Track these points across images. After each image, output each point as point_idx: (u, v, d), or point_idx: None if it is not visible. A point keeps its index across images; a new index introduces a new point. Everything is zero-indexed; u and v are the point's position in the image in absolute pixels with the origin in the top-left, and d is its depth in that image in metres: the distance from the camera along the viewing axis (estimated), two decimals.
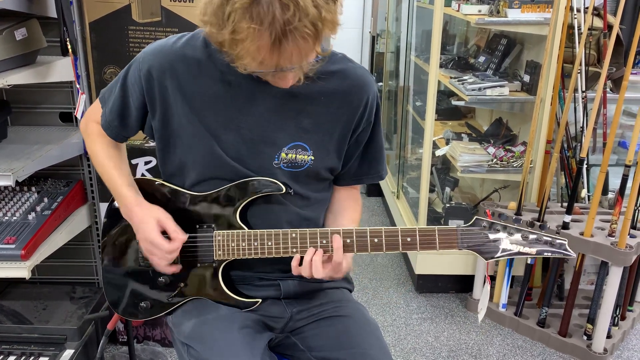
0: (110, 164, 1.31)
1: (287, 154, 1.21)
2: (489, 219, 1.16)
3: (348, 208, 1.36)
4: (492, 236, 1.15)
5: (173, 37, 1.23)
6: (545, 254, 1.13)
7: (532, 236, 1.14)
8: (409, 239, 1.17)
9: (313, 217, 1.30)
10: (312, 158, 1.23)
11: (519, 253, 1.14)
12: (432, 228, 1.17)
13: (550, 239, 1.13)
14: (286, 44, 0.96)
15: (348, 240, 1.18)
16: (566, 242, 1.13)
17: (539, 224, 2.37)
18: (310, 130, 1.22)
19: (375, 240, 1.18)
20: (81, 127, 1.39)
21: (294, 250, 1.20)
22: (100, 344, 1.83)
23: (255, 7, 0.93)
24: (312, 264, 1.17)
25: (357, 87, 1.24)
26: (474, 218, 1.17)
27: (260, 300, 1.27)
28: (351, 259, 1.24)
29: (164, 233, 1.22)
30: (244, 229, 1.22)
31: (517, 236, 1.14)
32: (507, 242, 1.15)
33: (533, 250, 1.13)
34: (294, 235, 1.20)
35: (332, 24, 0.98)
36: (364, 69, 1.27)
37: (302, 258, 1.19)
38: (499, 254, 1.15)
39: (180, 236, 1.21)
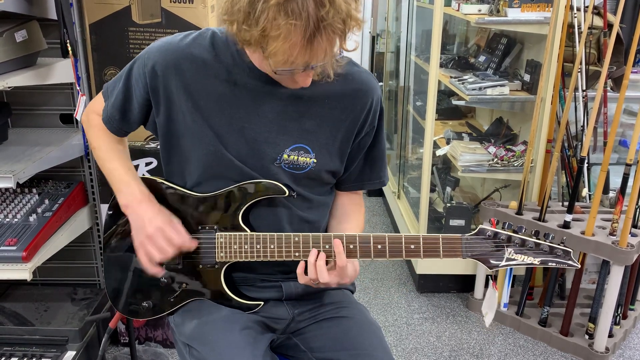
0: (114, 156, 1.31)
1: (289, 156, 1.21)
2: (494, 227, 1.15)
3: (351, 213, 1.36)
4: (496, 245, 1.15)
5: (179, 34, 1.23)
6: (550, 264, 1.13)
7: (536, 246, 1.13)
8: (412, 247, 1.17)
9: (315, 220, 1.30)
10: (315, 161, 1.23)
11: (523, 263, 1.14)
12: (436, 236, 1.16)
13: (555, 248, 1.13)
14: (319, 40, 0.97)
15: (351, 246, 1.18)
16: (571, 252, 1.13)
17: (542, 223, 2.37)
18: (313, 132, 1.22)
19: (379, 246, 1.17)
20: (82, 119, 1.39)
21: (297, 254, 1.20)
22: (102, 342, 1.83)
23: (291, 3, 0.94)
24: (316, 268, 1.16)
25: (362, 91, 1.24)
26: (478, 227, 1.16)
27: (262, 303, 1.27)
28: (357, 264, 1.23)
29: None
30: (247, 231, 1.22)
31: (522, 246, 1.14)
32: (512, 251, 1.14)
33: (537, 261, 1.13)
34: (296, 239, 1.19)
35: (358, 21, 1.00)
36: (369, 73, 1.27)
37: (306, 263, 1.18)
38: (502, 264, 1.14)
39: (193, 243, 1.23)
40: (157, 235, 1.20)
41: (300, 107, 1.20)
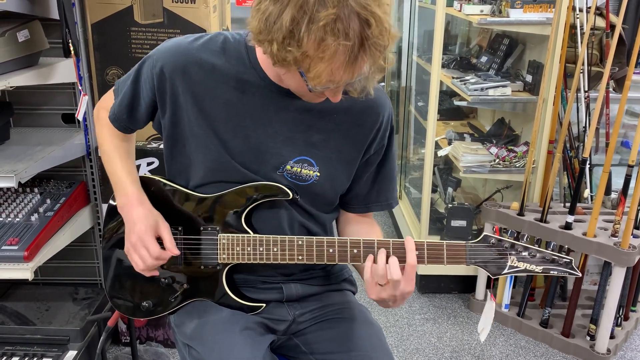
0: (116, 154, 1.30)
1: (292, 167, 1.20)
2: (497, 235, 1.16)
3: (365, 232, 1.31)
4: (499, 253, 1.16)
5: (190, 36, 1.21)
6: (552, 272, 1.14)
7: (539, 254, 1.14)
8: (416, 253, 1.15)
9: (317, 233, 1.29)
10: (318, 174, 1.21)
11: (525, 270, 1.15)
12: (440, 243, 1.15)
13: (557, 257, 1.14)
14: (364, 57, 0.95)
15: (355, 251, 1.17)
16: (572, 261, 1.15)
17: (544, 224, 2.37)
18: (318, 146, 1.20)
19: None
20: (94, 114, 1.38)
21: (300, 257, 1.19)
22: (101, 340, 1.82)
23: (339, 23, 0.92)
24: (388, 266, 1.10)
25: (372, 108, 1.21)
26: (482, 234, 1.16)
27: (264, 304, 1.26)
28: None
29: (158, 240, 1.21)
30: (249, 233, 1.22)
31: (524, 254, 1.15)
32: (514, 259, 1.15)
33: (539, 269, 1.14)
34: (300, 242, 1.18)
35: (394, 36, 0.98)
36: (380, 89, 1.23)
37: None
38: (505, 271, 1.16)
39: (174, 250, 1.20)
40: (137, 245, 1.20)
41: (309, 120, 1.18)
